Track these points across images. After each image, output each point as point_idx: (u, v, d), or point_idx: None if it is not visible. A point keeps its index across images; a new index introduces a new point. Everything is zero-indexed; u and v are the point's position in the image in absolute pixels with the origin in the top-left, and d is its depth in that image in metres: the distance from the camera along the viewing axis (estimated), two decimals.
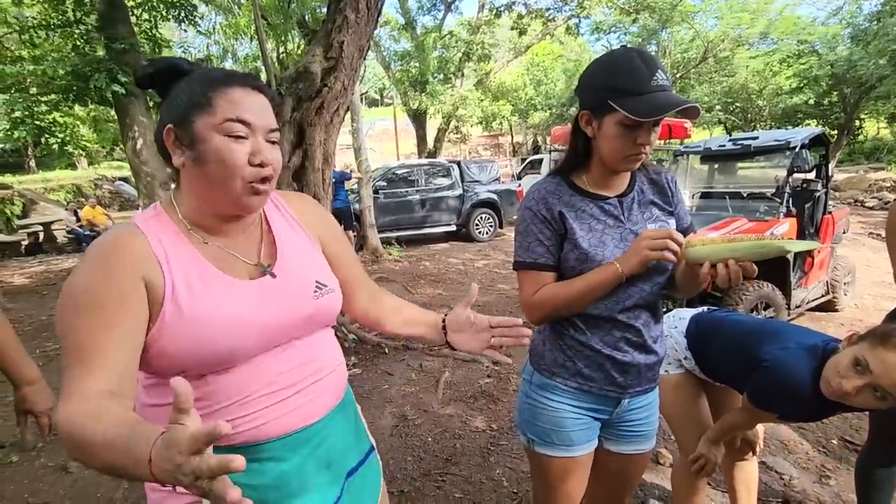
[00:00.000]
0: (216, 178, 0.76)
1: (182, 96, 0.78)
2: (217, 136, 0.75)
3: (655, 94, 0.96)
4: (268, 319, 0.80)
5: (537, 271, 1.14)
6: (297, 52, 9.85)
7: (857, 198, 12.65)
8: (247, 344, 0.77)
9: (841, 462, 2.37)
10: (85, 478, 2.42)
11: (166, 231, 0.78)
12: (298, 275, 0.87)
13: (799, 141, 3.73)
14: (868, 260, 6.42)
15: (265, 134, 0.79)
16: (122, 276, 0.71)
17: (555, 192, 1.14)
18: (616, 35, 20.94)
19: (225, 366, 0.77)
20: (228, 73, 0.81)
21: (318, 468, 0.87)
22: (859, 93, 18.27)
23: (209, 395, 0.77)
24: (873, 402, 1.14)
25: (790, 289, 3.75)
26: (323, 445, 0.88)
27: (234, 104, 0.76)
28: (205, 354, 0.74)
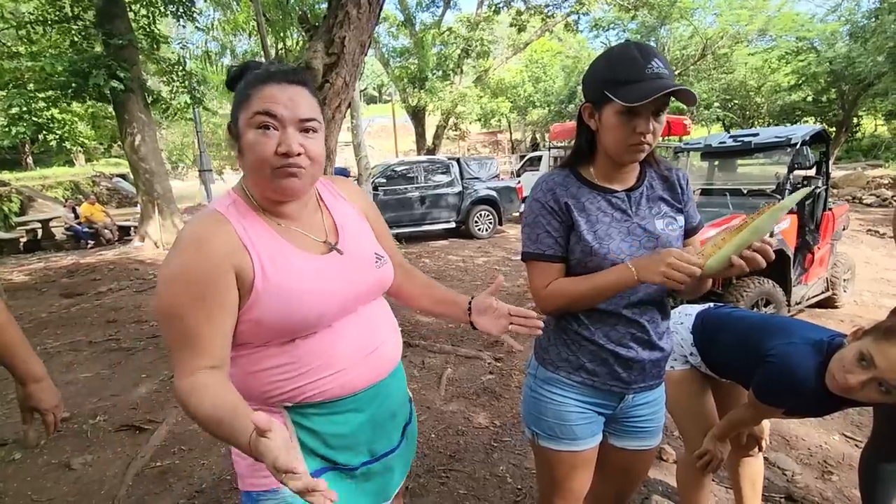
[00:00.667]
0: (252, 167, 0.85)
1: (237, 95, 0.87)
2: (250, 130, 0.83)
3: (649, 82, 0.96)
4: (345, 288, 0.92)
5: (546, 262, 1.14)
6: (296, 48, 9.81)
7: (855, 195, 12.68)
8: (331, 310, 0.89)
9: (843, 458, 2.38)
10: (88, 475, 2.42)
11: (245, 217, 0.88)
12: (360, 248, 0.99)
13: (800, 138, 3.73)
14: (867, 257, 6.44)
15: (296, 124, 0.84)
16: (217, 265, 0.80)
17: (562, 184, 1.14)
18: (615, 32, 20.90)
19: (312, 330, 0.88)
20: (271, 72, 0.87)
21: (386, 418, 1.01)
22: (857, 90, 18.29)
23: (298, 358, 0.88)
24: (878, 397, 1.14)
25: (790, 285, 3.76)
26: (389, 399, 1.02)
27: (265, 99, 0.83)
28: (296, 320, 0.85)
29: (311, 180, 0.90)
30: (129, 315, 5.07)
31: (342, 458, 0.95)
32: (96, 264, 7.63)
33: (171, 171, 21.75)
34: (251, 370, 0.89)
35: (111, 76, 7.55)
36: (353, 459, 0.97)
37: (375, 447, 1.00)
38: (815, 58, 19.10)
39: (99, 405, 3.13)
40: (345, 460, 0.96)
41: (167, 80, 9.44)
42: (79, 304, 5.56)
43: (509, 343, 1.11)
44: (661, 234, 1.11)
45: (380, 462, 1.01)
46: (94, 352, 4.07)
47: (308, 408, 0.91)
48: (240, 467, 0.94)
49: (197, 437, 2.71)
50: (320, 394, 0.90)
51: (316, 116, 0.88)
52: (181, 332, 0.80)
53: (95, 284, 6.41)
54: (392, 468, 1.06)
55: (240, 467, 0.94)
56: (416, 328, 4.34)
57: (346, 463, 0.96)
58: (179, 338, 0.80)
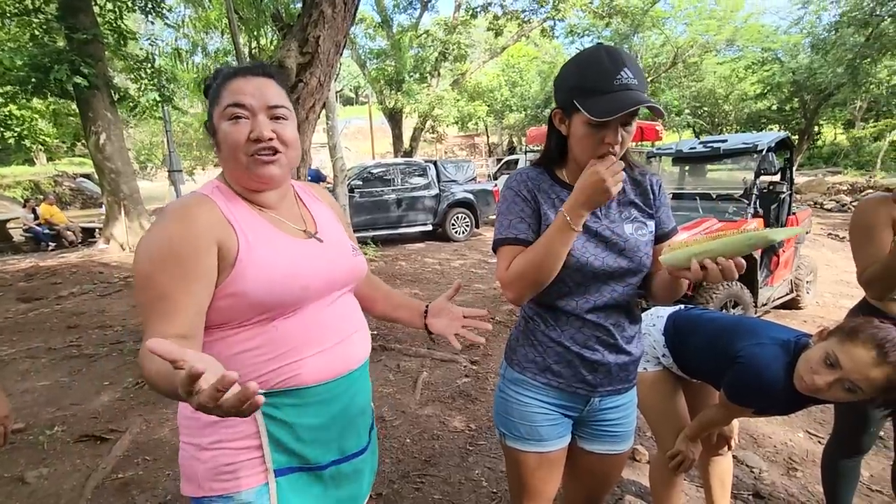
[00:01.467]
0: (228, 157, 0.89)
1: (210, 96, 0.92)
2: (223, 123, 0.88)
3: (617, 94, 0.95)
4: (326, 268, 0.95)
5: (518, 246, 1.10)
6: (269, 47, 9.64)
7: (817, 200, 13.22)
8: (313, 285, 0.91)
9: (807, 454, 2.46)
10: (44, 488, 2.30)
11: (230, 199, 0.91)
12: (337, 239, 1.04)
13: (766, 144, 3.86)
14: (828, 259, 6.70)
15: (265, 111, 0.89)
16: (199, 236, 0.82)
17: (535, 179, 1.14)
18: (590, 38, 21.31)
19: (294, 307, 0.89)
20: (238, 67, 0.92)
21: (356, 413, 1.01)
22: (818, 100, 19.11)
23: (274, 340, 0.88)
24: (844, 395, 1.17)
25: (757, 287, 3.87)
26: (358, 394, 1.02)
27: (232, 92, 0.88)
28: (280, 292, 0.86)
29: (288, 165, 0.93)
30: (91, 320, 4.87)
31: (313, 453, 0.94)
32: (57, 267, 7.32)
33: (138, 172, 21.11)
34: (227, 353, 0.88)
35: (74, 72, 7.27)
36: (323, 456, 0.96)
37: (345, 445, 0.99)
38: (779, 68, 19.90)
39: (57, 415, 2.98)
40: (315, 457, 0.94)
41: (135, 77, 9.15)
42: (37, 308, 5.31)
43: (469, 338, 1.12)
44: (629, 239, 1.10)
45: (349, 463, 1.00)
46: (52, 359, 3.89)
47: (280, 396, 0.90)
48: (195, 469, 0.90)
49: (162, 446, 2.61)
50: (295, 377, 0.90)
51: (284, 104, 0.92)
52: (155, 299, 0.79)
53: (56, 288, 6.14)
54: (361, 473, 1.05)
55: (195, 469, 0.90)
56: (391, 332, 4.30)
57: (315, 460, 0.95)
58: (153, 304, 0.79)
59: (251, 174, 0.89)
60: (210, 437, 0.89)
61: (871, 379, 1.12)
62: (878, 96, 19.55)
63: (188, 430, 0.93)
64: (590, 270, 1.08)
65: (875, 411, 1.55)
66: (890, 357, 1.10)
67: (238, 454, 0.89)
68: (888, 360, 1.10)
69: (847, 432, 1.70)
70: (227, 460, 0.88)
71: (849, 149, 22.25)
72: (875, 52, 16.38)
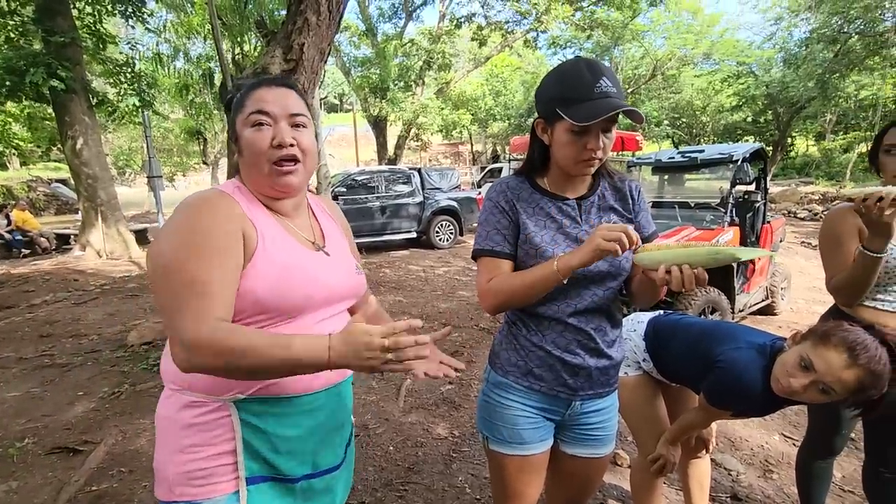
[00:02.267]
0: (250, 162, 0.92)
1: (234, 106, 0.96)
2: (246, 129, 0.91)
3: (597, 101, 0.99)
4: (330, 281, 0.98)
5: (494, 258, 1.14)
6: (253, 54, 9.59)
7: (790, 209, 13.60)
8: (316, 295, 0.93)
9: (782, 457, 2.51)
10: (13, 502, 2.22)
11: (248, 200, 0.94)
12: (343, 255, 1.07)
13: (741, 154, 3.97)
14: (801, 267, 6.89)
15: (287, 119, 0.92)
16: (227, 221, 0.85)
17: (515, 188, 1.17)
18: (572, 50, 21.71)
19: (293, 314, 0.91)
20: (261, 80, 0.96)
21: (334, 428, 1.01)
22: (791, 112, 19.76)
23: None
24: (818, 397, 1.21)
25: (734, 294, 3.96)
26: (339, 408, 1.02)
27: (256, 100, 0.92)
28: (284, 296, 0.88)
29: (306, 174, 0.97)
30: (65, 329, 4.73)
31: (286, 465, 0.94)
32: (30, 275, 7.12)
33: (116, 177, 20.65)
34: None
35: (51, 75, 7.11)
36: (296, 469, 0.95)
37: (319, 459, 0.99)
38: (753, 81, 20.53)
39: (28, 426, 2.89)
40: (288, 469, 0.94)
41: (114, 81, 8.99)
42: (8, 317, 5.15)
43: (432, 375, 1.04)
44: None
45: (321, 479, 1.00)
46: (24, 369, 3.76)
47: (261, 403, 0.90)
48: (168, 472, 0.89)
49: (138, 457, 2.55)
50: (278, 385, 0.90)
51: (304, 112, 0.96)
52: (189, 283, 0.78)
53: (28, 296, 5.96)
54: (332, 490, 1.04)
55: (168, 472, 0.89)
56: None
57: (288, 472, 0.94)
58: (187, 290, 0.78)
59: (272, 182, 0.93)
60: (187, 440, 0.89)
61: (843, 381, 1.16)
62: (847, 110, 20.31)
63: (165, 432, 0.92)
64: (571, 277, 1.09)
65: (846, 413, 1.60)
66: (860, 360, 1.14)
67: (212, 459, 0.88)
68: (858, 362, 1.14)
69: (820, 435, 1.74)
70: (201, 465, 0.88)
71: (820, 160, 23.01)
72: (843, 68, 17.03)
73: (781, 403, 1.33)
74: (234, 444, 0.89)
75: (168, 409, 0.93)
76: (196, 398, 0.90)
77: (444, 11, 16.78)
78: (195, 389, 0.90)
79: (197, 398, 0.89)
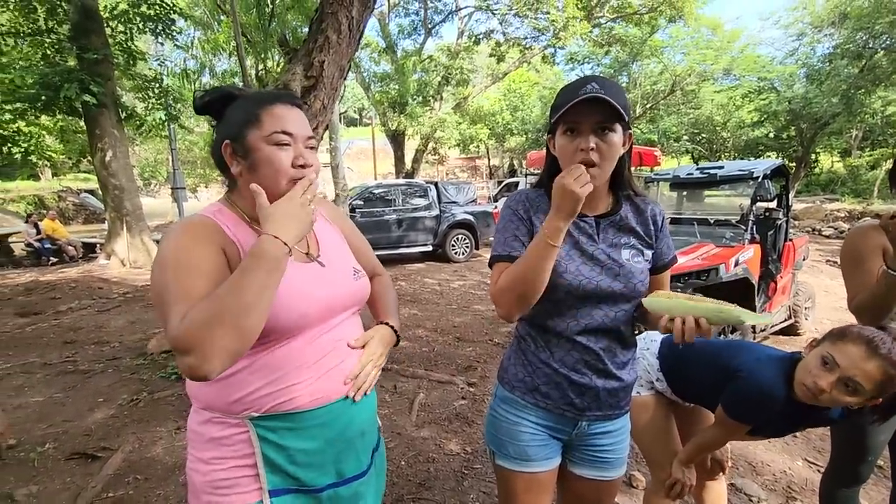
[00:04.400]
0: (267, 178, 0.92)
1: (237, 116, 0.94)
2: (266, 146, 0.91)
3: (579, 99, 1.00)
4: (326, 294, 0.97)
5: (510, 263, 1.11)
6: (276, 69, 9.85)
7: (815, 227, 13.29)
8: (311, 312, 0.93)
9: (806, 483, 2.42)
10: None
11: (231, 221, 0.95)
12: (339, 262, 1.06)
13: (762, 171, 3.91)
14: (826, 286, 6.70)
15: (304, 141, 0.95)
16: (206, 243, 0.87)
17: (534, 200, 1.17)
18: (589, 65, 21.78)
19: (292, 332, 0.91)
20: (274, 94, 0.97)
21: (355, 435, 1.01)
22: (814, 128, 19.39)
23: (272, 364, 0.90)
24: (846, 398, 1.19)
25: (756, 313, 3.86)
26: (358, 416, 1.02)
27: (279, 118, 0.92)
28: (278, 317, 0.87)
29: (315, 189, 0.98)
30: (88, 336, 4.85)
31: (308, 476, 0.94)
32: (57, 282, 7.33)
33: (142, 188, 21.26)
34: (226, 380, 0.90)
35: (84, 90, 7.41)
36: (318, 479, 0.96)
37: (343, 468, 0.99)
38: (775, 97, 20.24)
39: (49, 431, 2.95)
40: (310, 479, 0.95)
41: (143, 96, 9.32)
42: (35, 323, 5.31)
43: None
44: (624, 264, 1.11)
45: (347, 486, 1.00)
46: (47, 374, 3.87)
47: (275, 420, 0.91)
48: (195, 480, 0.94)
49: (154, 465, 2.58)
50: (290, 402, 0.91)
51: (314, 135, 1.02)
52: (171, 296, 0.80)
53: (55, 303, 6.14)
54: (361, 496, 1.04)
55: (195, 480, 0.94)
56: (389, 352, 4.28)
57: (311, 483, 0.95)
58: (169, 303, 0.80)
59: None
60: (209, 453, 0.92)
61: (867, 372, 1.14)
62: (873, 126, 19.87)
63: (192, 444, 0.96)
64: (582, 292, 1.09)
65: (873, 439, 1.55)
66: (881, 350, 1.14)
67: (235, 471, 0.91)
68: (879, 352, 1.14)
69: (845, 461, 1.68)
70: (225, 475, 0.91)
71: (846, 176, 22.47)
72: (869, 84, 16.73)
73: (801, 422, 1.30)
74: (253, 458, 0.91)
75: (194, 422, 0.97)
76: (215, 416, 0.92)
77: (463, 28, 17.06)
78: (213, 409, 0.93)
79: (215, 416, 0.92)
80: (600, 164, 1.03)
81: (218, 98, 0.98)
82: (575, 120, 1.03)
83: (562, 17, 13.96)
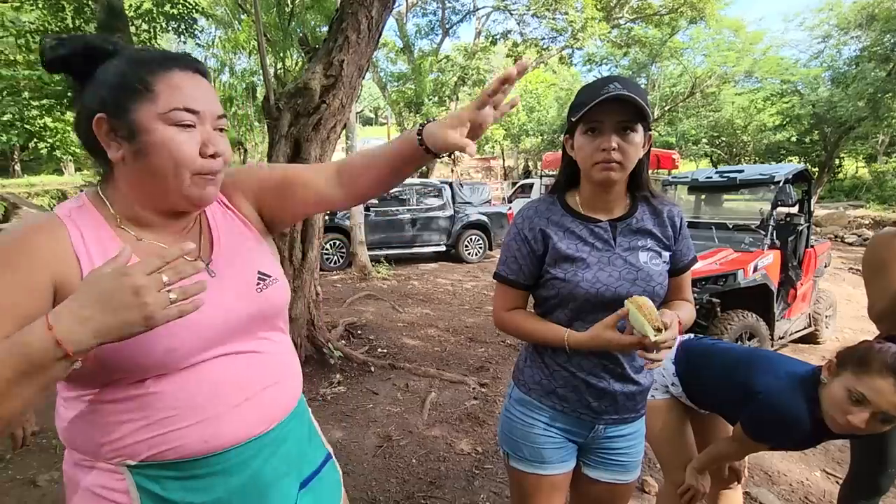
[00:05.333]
0: (162, 171, 0.70)
1: (113, 81, 0.69)
2: (162, 126, 0.69)
3: (601, 98, 0.99)
4: (205, 319, 0.71)
5: (508, 286, 1.19)
6: (295, 69, 9.96)
7: (837, 233, 12.97)
8: (185, 345, 0.70)
9: (824, 495, 2.38)
10: (53, 492, 2.33)
11: (92, 225, 0.72)
12: (239, 269, 0.81)
13: (783, 176, 3.84)
14: (848, 294, 6.55)
15: (213, 121, 0.74)
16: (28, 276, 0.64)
17: (545, 212, 1.16)
18: (607, 67, 21.58)
19: (161, 370, 0.70)
20: (166, 55, 0.74)
21: (271, 481, 0.80)
22: (839, 133, 18.93)
23: (149, 404, 0.70)
24: (881, 427, 1.18)
25: (774, 320, 3.80)
26: (274, 457, 0.81)
27: (178, 90, 0.70)
28: (137, 355, 0.67)
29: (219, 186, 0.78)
30: None
31: None
32: None
33: None
34: (90, 417, 0.71)
35: None
36: None
37: None
38: (798, 100, 19.83)
39: None
40: None
41: None
42: None
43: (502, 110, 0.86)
44: (642, 268, 1.10)
45: None
46: None
47: (156, 468, 0.71)
48: None
49: None
50: (175, 449, 0.71)
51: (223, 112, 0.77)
52: None
53: None
54: None
55: None
56: (401, 351, 4.30)
57: None
58: None
59: (187, 196, 0.73)
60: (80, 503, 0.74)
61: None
62: None
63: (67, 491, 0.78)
64: (600, 300, 1.08)
65: (894, 450, 1.51)
66: None
67: None
68: None
69: (865, 473, 1.65)
70: None
71: (871, 183, 21.90)
72: None
73: (821, 438, 1.28)
74: None
75: (67, 464, 0.78)
76: (84, 458, 0.74)
77: (480, 28, 17.06)
78: (79, 450, 0.74)
79: (85, 459, 0.73)
80: (622, 163, 1.03)
81: (81, 51, 0.71)
82: (597, 119, 1.03)
83: (580, 17, 13.88)
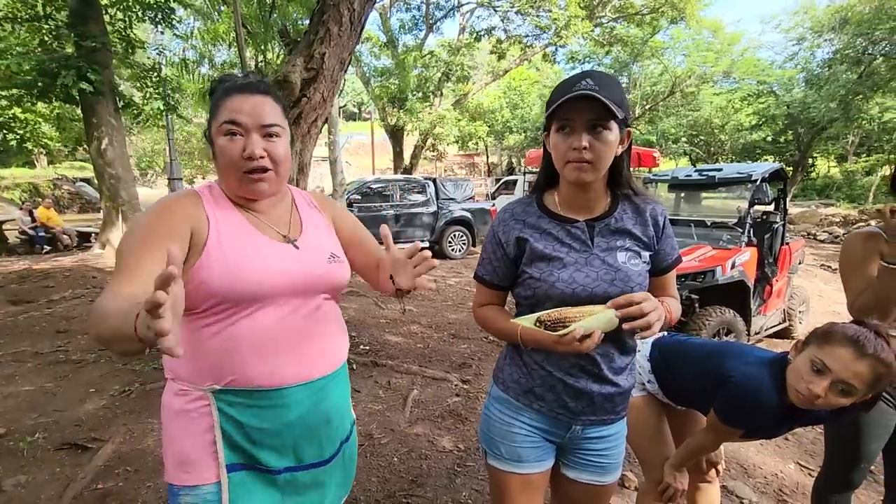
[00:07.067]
0: (223, 169, 0.97)
1: (210, 106, 0.99)
2: (219, 137, 0.95)
3: (572, 95, 0.98)
4: (291, 271, 0.97)
5: (483, 286, 1.23)
6: (276, 61, 9.78)
7: (810, 231, 13.35)
8: (269, 283, 0.93)
9: (798, 487, 2.43)
10: (20, 497, 2.24)
11: (217, 198, 0.99)
12: (317, 246, 1.06)
13: (760, 174, 3.91)
14: (820, 290, 6.74)
15: (259, 130, 0.95)
16: (174, 218, 0.90)
17: (521, 214, 1.15)
18: (590, 65, 21.78)
19: (251, 302, 0.92)
20: (236, 85, 0.98)
21: (319, 423, 1.01)
22: (812, 133, 19.47)
23: (231, 338, 0.91)
24: (840, 399, 1.19)
25: (750, 315, 3.88)
26: (322, 404, 1.01)
27: (230, 109, 0.94)
28: (234, 285, 0.90)
29: (278, 181, 1.00)
30: (81, 325, 4.81)
31: (264, 456, 0.95)
32: (51, 270, 7.27)
33: (139, 178, 21.13)
34: (194, 347, 0.92)
35: (81, 78, 7.32)
36: (276, 461, 0.97)
37: (303, 453, 1.00)
38: (774, 101, 20.32)
39: (39, 421, 2.93)
40: (266, 460, 0.96)
41: (141, 85, 9.23)
42: (27, 311, 5.26)
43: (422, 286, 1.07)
44: (620, 268, 1.08)
45: (308, 472, 1.01)
46: (38, 363, 3.83)
47: (234, 394, 0.93)
48: (166, 456, 0.97)
49: (145, 457, 2.57)
50: (246, 379, 0.92)
51: (278, 122, 0.97)
52: (122, 258, 0.85)
53: (48, 292, 6.08)
54: (323, 485, 1.05)
55: (166, 456, 0.97)
56: (383, 348, 4.27)
57: (267, 464, 0.96)
58: (118, 264, 0.85)
59: (243, 188, 0.98)
60: (175, 427, 0.95)
61: (858, 374, 1.15)
62: (870, 132, 19.95)
63: (164, 417, 0.99)
64: (576, 300, 1.05)
65: (867, 445, 1.55)
66: (867, 349, 1.15)
67: (196, 448, 0.93)
68: (867, 352, 1.15)
69: (838, 467, 1.68)
70: (188, 453, 0.93)
71: (842, 182, 22.58)
72: (867, 90, 16.79)
73: (793, 424, 1.31)
74: (213, 432, 0.92)
75: (166, 396, 0.99)
76: (182, 386, 0.95)
77: (465, 24, 17.00)
78: (179, 378, 0.95)
79: (182, 386, 0.95)
80: (593, 163, 1.01)
81: (214, 86, 1.02)
82: (568, 117, 1.01)
83: (564, 15, 13.92)
